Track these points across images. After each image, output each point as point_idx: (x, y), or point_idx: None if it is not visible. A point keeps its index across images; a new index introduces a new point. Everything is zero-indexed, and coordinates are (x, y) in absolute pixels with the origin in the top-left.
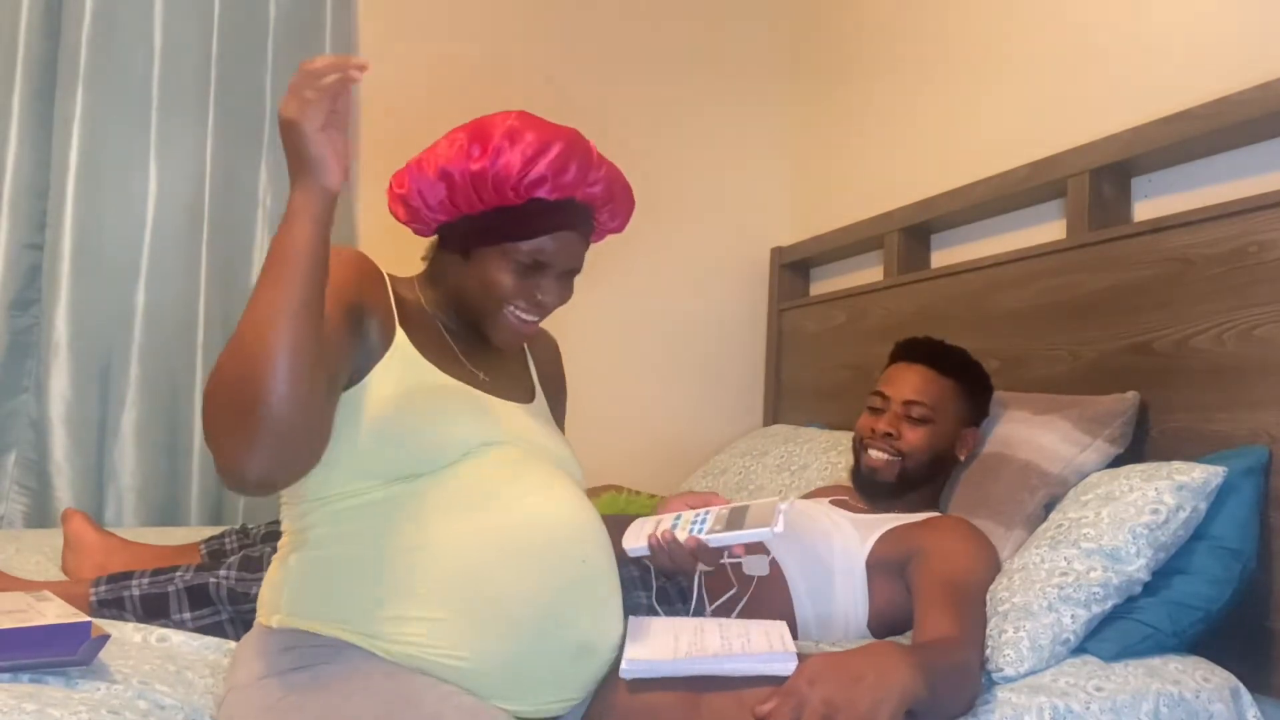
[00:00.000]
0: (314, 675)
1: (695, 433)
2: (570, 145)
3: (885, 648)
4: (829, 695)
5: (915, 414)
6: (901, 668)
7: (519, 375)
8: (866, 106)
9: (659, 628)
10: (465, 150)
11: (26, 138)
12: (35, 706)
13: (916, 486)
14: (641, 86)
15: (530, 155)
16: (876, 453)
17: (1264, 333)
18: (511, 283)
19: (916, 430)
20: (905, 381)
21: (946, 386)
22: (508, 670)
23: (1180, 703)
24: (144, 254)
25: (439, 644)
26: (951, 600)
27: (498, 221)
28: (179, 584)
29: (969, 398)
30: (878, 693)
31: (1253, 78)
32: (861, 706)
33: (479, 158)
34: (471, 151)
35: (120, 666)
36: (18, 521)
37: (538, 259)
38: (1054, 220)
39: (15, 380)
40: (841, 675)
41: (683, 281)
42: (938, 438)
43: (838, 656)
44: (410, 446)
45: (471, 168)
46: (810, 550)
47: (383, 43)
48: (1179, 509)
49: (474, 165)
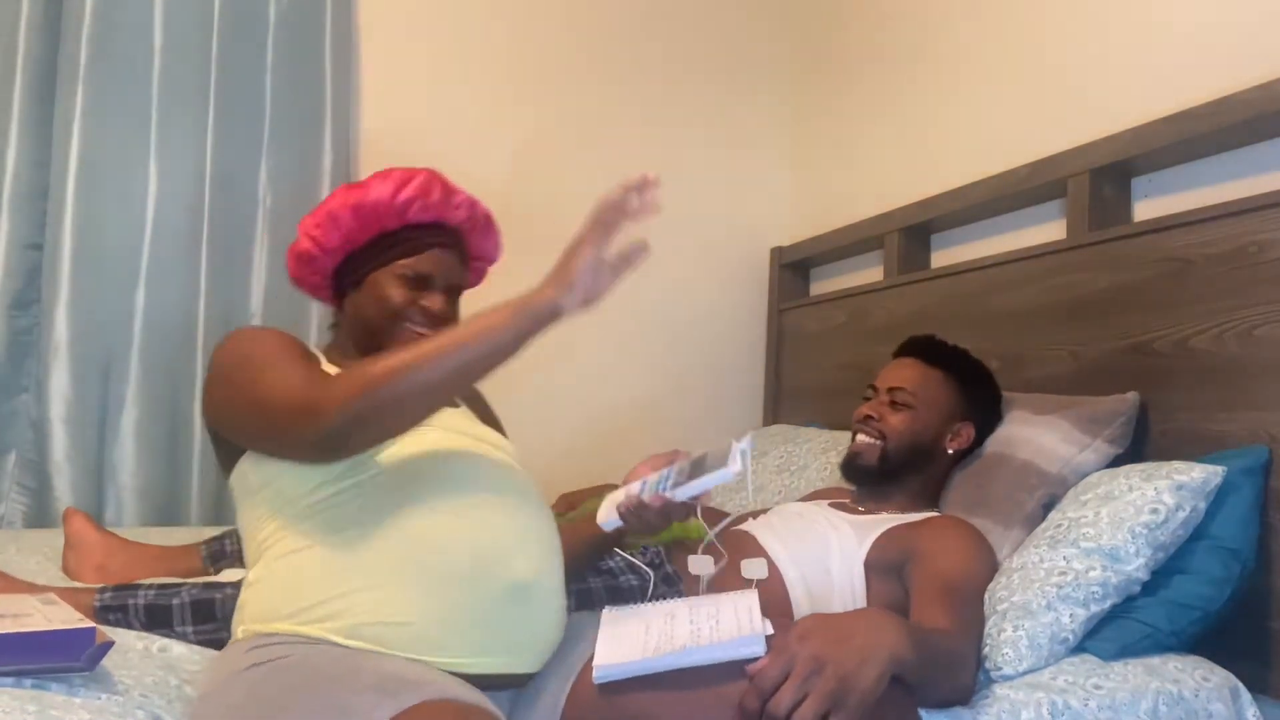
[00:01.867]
0: (271, 668)
1: (695, 433)
2: (431, 174)
3: (877, 612)
4: (818, 651)
5: (898, 399)
6: (891, 632)
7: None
8: (866, 106)
9: (630, 620)
10: (342, 194)
11: (26, 138)
12: (37, 708)
13: (900, 475)
14: (641, 86)
15: (398, 182)
16: (861, 436)
17: (1264, 333)
18: (401, 295)
19: (898, 414)
20: (893, 372)
21: (931, 375)
22: (445, 624)
23: (1179, 702)
24: (144, 254)
25: (383, 610)
26: (948, 599)
27: (381, 246)
28: (185, 598)
29: (958, 389)
30: (866, 651)
31: (1253, 78)
32: (850, 663)
33: (355, 192)
34: (351, 192)
35: (122, 676)
36: (18, 521)
37: (419, 272)
38: (1054, 220)
39: (15, 380)
40: (831, 633)
41: (683, 281)
42: (919, 423)
43: (830, 616)
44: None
45: (350, 200)
46: (808, 552)
47: (383, 42)
48: (1178, 508)
49: (351, 199)
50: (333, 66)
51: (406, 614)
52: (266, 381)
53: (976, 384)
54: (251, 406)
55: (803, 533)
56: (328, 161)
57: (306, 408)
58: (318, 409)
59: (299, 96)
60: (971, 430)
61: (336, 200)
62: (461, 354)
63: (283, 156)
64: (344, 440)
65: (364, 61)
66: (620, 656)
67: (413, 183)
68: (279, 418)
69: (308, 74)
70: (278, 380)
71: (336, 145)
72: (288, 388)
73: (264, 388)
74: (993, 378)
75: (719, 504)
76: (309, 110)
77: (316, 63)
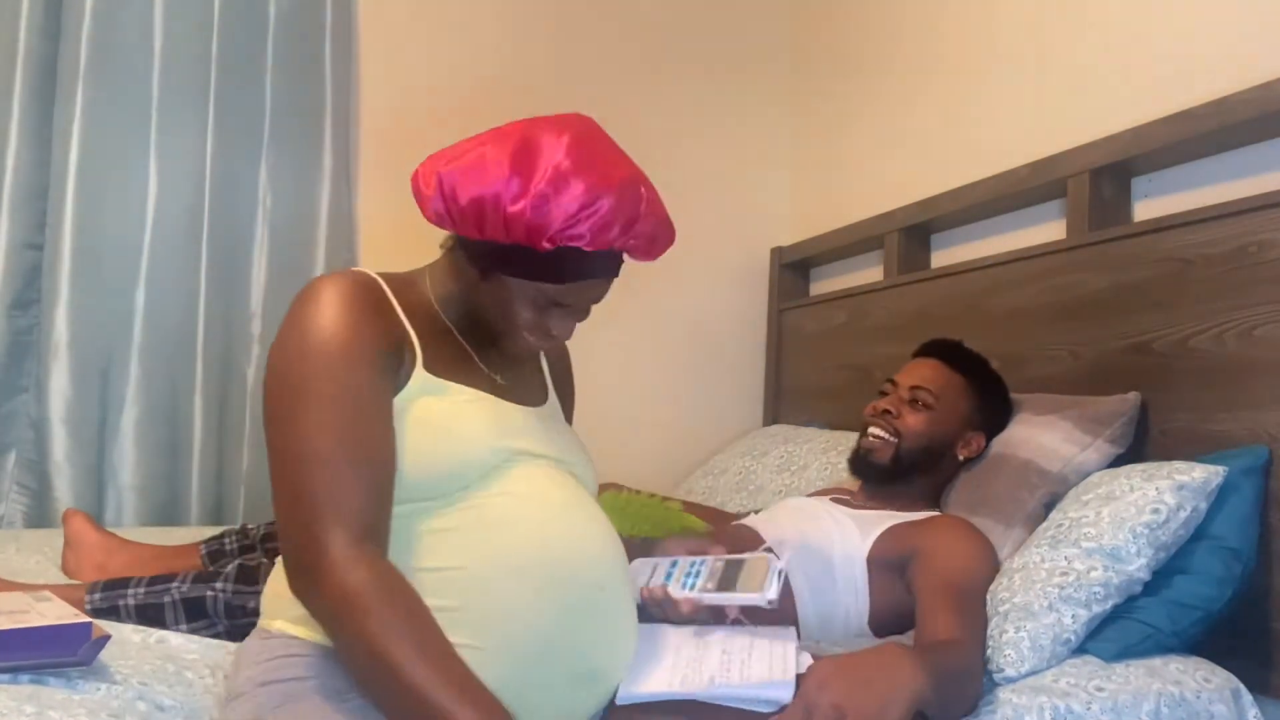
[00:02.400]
0: (316, 685)
1: (695, 433)
2: (620, 200)
3: (892, 650)
4: (837, 699)
5: (919, 398)
6: (908, 671)
7: (533, 376)
8: (866, 106)
9: (660, 644)
10: (505, 183)
11: (26, 138)
12: (35, 708)
13: (909, 476)
14: (642, 86)
15: (574, 211)
16: (875, 430)
17: (1264, 333)
18: (528, 315)
19: (917, 414)
20: (916, 371)
21: (955, 380)
22: (508, 694)
23: (1181, 703)
24: (144, 254)
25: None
26: (954, 602)
27: (523, 258)
28: (175, 595)
29: (978, 399)
30: (886, 696)
31: (1253, 78)
32: (870, 710)
33: (519, 198)
34: (511, 186)
35: (120, 667)
36: (18, 521)
37: (557, 301)
38: (1054, 220)
39: (15, 380)
40: (850, 679)
41: (683, 281)
42: (937, 426)
43: (846, 660)
44: (428, 470)
45: (508, 209)
46: (812, 547)
47: (383, 42)
48: (1179, 508)
49: (511, 207)
50: (333, 66)
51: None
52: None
53: (995, 396)
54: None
55: (804, 527)
56: (328, 161)
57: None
58: (319, 571)
59: (299, 96)
60: (983, 441)
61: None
62: (392, 696)
63: (283, 156)
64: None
65: (364, 62)
66: (646, 684)
67: (591, 216)
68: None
69: (308, 74)
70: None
71: (336, 145)
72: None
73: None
74: (1008, 393)
75: (720, 504)
76: (309, 110)
77: (316, 63)
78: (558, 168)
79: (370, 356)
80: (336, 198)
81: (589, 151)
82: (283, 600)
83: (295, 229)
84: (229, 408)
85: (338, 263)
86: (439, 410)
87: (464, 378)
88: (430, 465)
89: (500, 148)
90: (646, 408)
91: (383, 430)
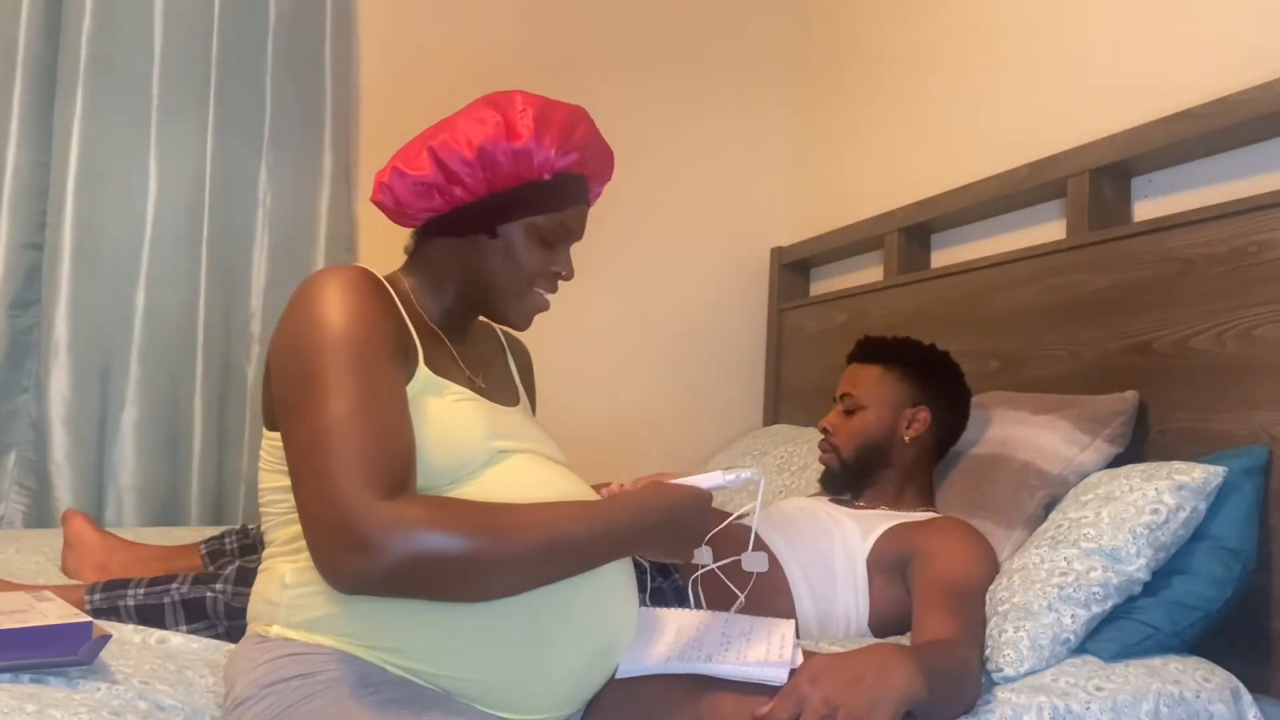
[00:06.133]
0: (330, 679)
1: (695, 433)
2: (590, 123)
3: (887, 648)
4: (829, 695)
5: (846, 406)
6: (902, 669)
7: (505, 379)
8: (867, 106)
9: (661, 624)
10: (499, 126)
11: (26, 138)
12: (36, 707)
13: (867, 474)
14: (642, 86)
15: (566, 133)
16: (820, 450)
17: (1264, 333)
18: (539, 256)
19: (849, 421)
20: (843, 380)
21: (871, 373)
22: (520, 680)
23: (1180, 703)
24: (144, 254)
25: (453, 668)
26: (951, 602)
27: (530, 194)
28: (175, 596)
29: (901, 378)
30: (877, 693)
31: (1253, 78)
32: (861, 706)
33: (523, 137)
34: (506, 128)
35: (121, 666)
36: (18, 521)
37: (566, 226)
38: (1054, 220)
39: (15, 380)
40: (842, 675)
41: (683, 281)
42: (869, 423)
43: (839, 656)
44: (427, 466)
45: (514, 146)
46: (812, 547)
47: (382, 41)
48: (1179, 509)
49: (516, 144)
50: (333, 66)
51: (475, 672)
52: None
53: (921, 368)
54: (300, 461)
55: (804, 527)
56: (328, 161)
57: (357, 537)
58: (368, 541)
59: (299, 96)
60: (927, 413)
61: (494, 137)
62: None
63: (283, 156)
64: (376, 586)
65: (364, 62)
66: (646, 659)
67: (577, 135)
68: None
69: (308, 74)
70: (336, 460)
71: (336, 145)
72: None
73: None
74: (941, 356)
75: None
76: (309, 110)
77: (316, 63)
78: (538, 106)
79: (389, 345)
80: (336, 198)
81: (539, 96)
82: (279, 607)
83: (295, 229)
84: (229, 408)
85: (337, 263)
86: (438, 408)
87: (454, 378)
88: (429, 461)
89: (469, 113)
90: (647, 407)
91: (406, 414)
